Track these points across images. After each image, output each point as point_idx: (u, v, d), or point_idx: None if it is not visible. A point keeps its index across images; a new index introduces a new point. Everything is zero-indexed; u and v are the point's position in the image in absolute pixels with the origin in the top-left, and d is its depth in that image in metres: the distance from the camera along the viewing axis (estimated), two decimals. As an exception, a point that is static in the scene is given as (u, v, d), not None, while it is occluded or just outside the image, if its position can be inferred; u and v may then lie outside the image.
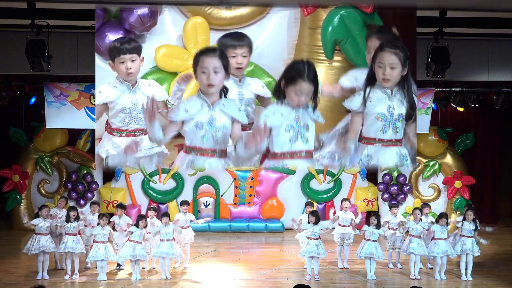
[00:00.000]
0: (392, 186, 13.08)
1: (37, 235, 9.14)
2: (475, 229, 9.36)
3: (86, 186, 12.90)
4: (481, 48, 10.57)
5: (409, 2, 8.15)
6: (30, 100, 12.16)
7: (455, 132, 13.51)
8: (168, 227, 9.23)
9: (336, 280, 9.35)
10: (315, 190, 13.22)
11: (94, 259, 9.09)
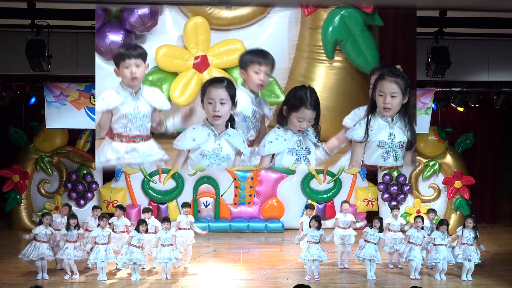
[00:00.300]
0: (392, 186, 13.08)
1: (36, 242, 9.13)
2: (475, 237, 9.36)
3: (86, 186, 12.90)
4: (481, 48, 10.57)
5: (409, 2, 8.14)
6: (30, 100, 12.15)
7: (455, 132, 13.51)
8: (168, 232, 9.24)
9: (336, 280, 9.35)
10: (315, 190, 13.21)
11: (95, 260, 9.10)
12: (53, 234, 9.30)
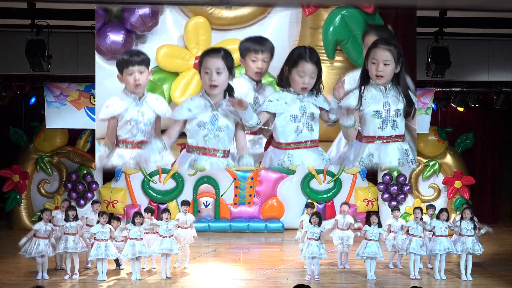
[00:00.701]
0: (392, 186, 13.08)
1: (37, 239, 9.12)
2: (474, 227, 9.36)
3: (86, 186, 12.90)
4: (481, 48, 10.58)
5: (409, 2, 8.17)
6: (30, 100, 12.15)
7: (455, 132, 13.51)
8: (169, 223, 9.22)
9: (336, 280, 9.35)
10: (315, 190, 13.21)
11: (96, 257, 9.07)
12: (53, 231, 9.29)
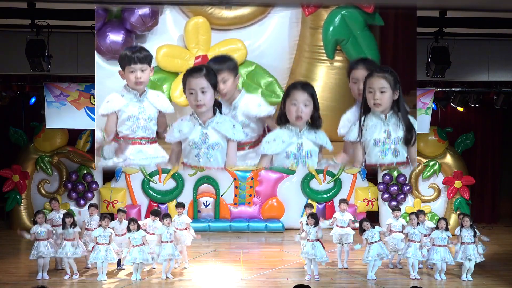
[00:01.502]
0: (392, 186, 13.08)
1: (36, 241, 9.15)
2: (474, 235, 9.36)
3: (86, 186, 12.90)
4: (481, 48, 10.57)
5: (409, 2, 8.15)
6: (30, 100, 12.15)
7: (455, 132, 13.51)
8: (170, 228, 9.24)
9: (336, 280, 9.35)
10: (315, 190, 13.21)
11: (95, 260, 9.10)
12: (50, 231, 9.30)
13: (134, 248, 9.08)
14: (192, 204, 12.89)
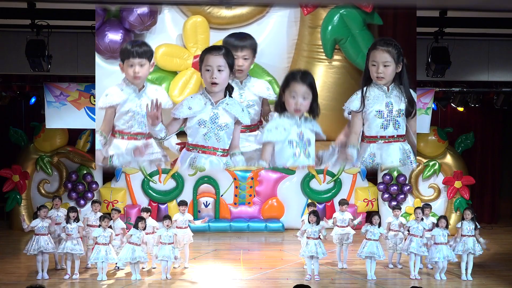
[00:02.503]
0: (392, 186, 13.08)
1: (36, 236, 9.13)
2: (475, 228, 9.36)
3: (86, 186, 12.90)
4: (481, 48, 10.56)
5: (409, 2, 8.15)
6: (30, 100, 12.15)
7: (455, 132, 13.51)
8: (169, 230, 9.24)
9: (336, 280, 9.35)
10: (315, 190, 13.21)
11: (95, 260, 9.10)
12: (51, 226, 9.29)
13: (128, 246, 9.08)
14: (192, 204, 12.87)
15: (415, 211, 9.57)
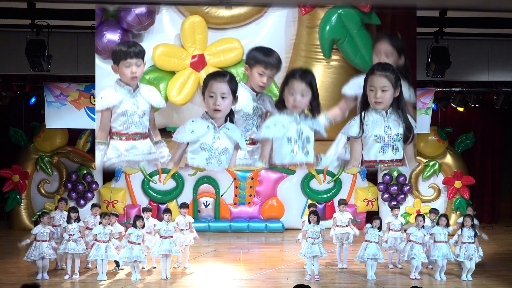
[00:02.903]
0: (392, 186, 13.08)
1: (37, 241, 9.11)
2: (475, 235, 9.35)
3: (86, 186, 12.90)
4: (481, 48, 10.56)
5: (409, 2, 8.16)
6: (30, 100, 12.16)
7: (455, 132, 13.51)
8: (169, 224, 9.23)
9: (336, 280, 9.35)
10: (315, 190, 13.21)
11: (95, 258, 9.10)
12: (52, 232, 9.29)
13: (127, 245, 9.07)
14: (192, 204, 12.87)
15: (417, 219, 9.55)
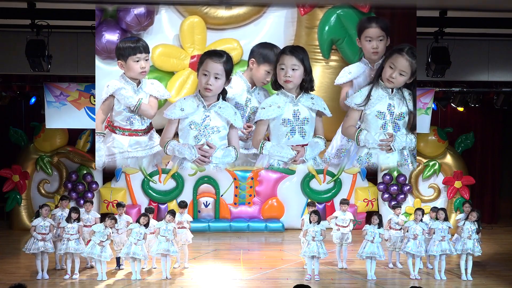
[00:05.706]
0: (392, 186, 13.08)
1: (38, 235, 9.10)
2: (477, 231, 9.33)
3: (86, 186, 12.90)
4: (481, 48, 10.57)
5: (409, 2, 8.17)
6: (30, 100, 12.17)
7: (455, 132, 13.51)
8: (169, 224, 9.23)
9: (336, 280, 9.35)
10: (315, 190, 13.21)
11: (90, 255, 9.10)
12: (53, 226, 9.29)
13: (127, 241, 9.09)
14: (192, 204, 12.88)
15: (416, 212, 9.56)
